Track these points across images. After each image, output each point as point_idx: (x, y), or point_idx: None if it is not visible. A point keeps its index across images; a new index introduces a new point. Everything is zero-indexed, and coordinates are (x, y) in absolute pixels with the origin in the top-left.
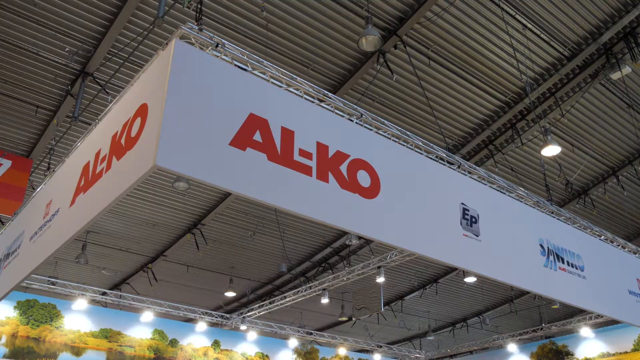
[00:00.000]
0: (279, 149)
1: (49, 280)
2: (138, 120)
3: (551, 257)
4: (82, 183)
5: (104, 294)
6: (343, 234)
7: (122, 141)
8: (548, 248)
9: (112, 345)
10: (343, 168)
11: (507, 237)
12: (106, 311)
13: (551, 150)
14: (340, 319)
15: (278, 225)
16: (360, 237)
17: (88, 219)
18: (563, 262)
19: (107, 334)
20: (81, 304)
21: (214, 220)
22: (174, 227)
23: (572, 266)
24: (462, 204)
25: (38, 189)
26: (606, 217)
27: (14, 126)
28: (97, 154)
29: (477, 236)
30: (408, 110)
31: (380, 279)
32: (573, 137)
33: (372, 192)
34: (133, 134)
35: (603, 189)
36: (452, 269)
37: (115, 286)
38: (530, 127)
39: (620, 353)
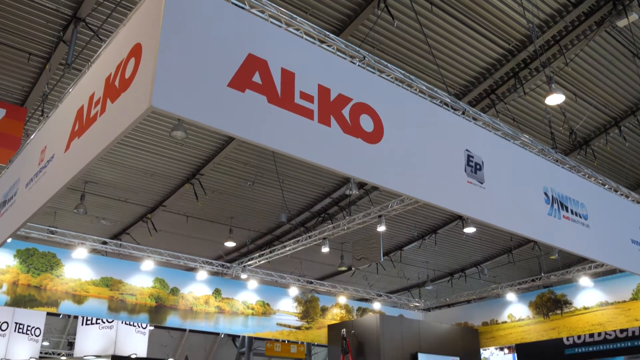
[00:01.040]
0: (279, 91)
1: (48, 230)
2: (132, 61)
3: (555, 206)
4: (77, 128)
5: (104, 243)
6: (343, 184)
7: (116, 83)
8: (552, 196)
9: (113, 293)
10: (345, 112)
11: (512, 185)
12: (106, 260)
13: (555, 99)
14: (339, 269)
15: (277, 175)
16: (360, 188)
17: (83, 163)
18: (567, 211)
19: (108, 283)
20: (81, 252)
21: (213, 170)
22: (172, 177)
23: (576, 215)
24: (467, 150)
25: (32, 136)
26: (607, 168)
27: (6, 74)
28: (91, 97)
29: (482, 183)
30: (409, 57)
31: (381, 228)
32: (576, 87)
33: (375, 137)
34: (127, 75)
35: (605, 139)
36: (452, 220)
37: (115, 236)
38: (533, 77)
39: (619, 302)
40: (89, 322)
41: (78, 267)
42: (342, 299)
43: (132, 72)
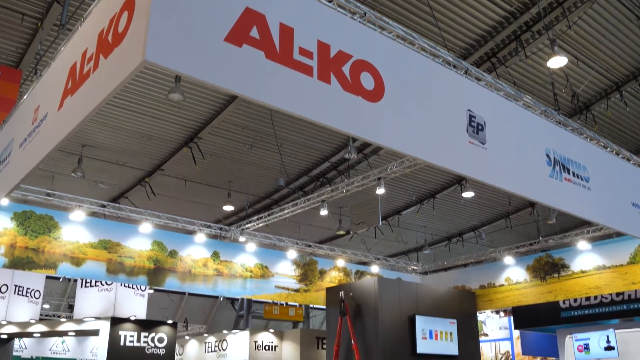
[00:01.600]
0: (277, 47)
1: (46, 193)
2: (125, 15)
3: (557, 168)
4: (70, 85)
5: (102, 206)
6: (341, 148)
7: (109, 38)
8: (554, 158)
9: (111, 256)
10: (345, 69)
11: (514, 146)
12: (104, 223)
13: (558, 62)
14: (338, 233)
15: (276, 139)
16: (359, 152)
17: (77, 121)
18: (568, 173)
19: (106, 245)
20: (79, 215)
21: (211, 134)
22: (170, 141)
23: (578, 177)
24: (469, 110)
25: (25, 96)
26: (607, 133)
27: (0, 36)
28: (84, 53)
29: (483, 144)
30: (409, 19)
31: (380, 191)
32: (578, 51)
33: (375, 95)
34: (120, 29)
35: (606, 104)
36: (450, 185)
37: (113, 200)
38: (535, 40)
39: (616, 266)
40: (88, 284)
41: (76, 230)
42: (341, 262)
43: (125, 26)
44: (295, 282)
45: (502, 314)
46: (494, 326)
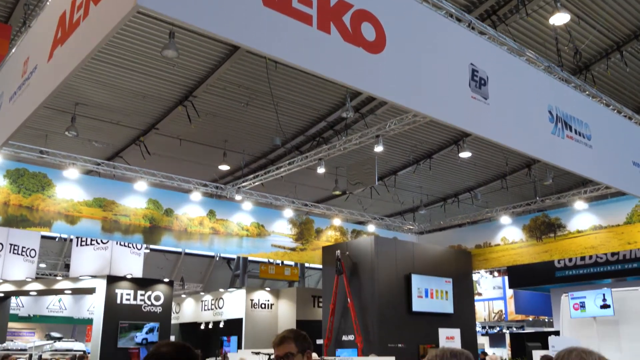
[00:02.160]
0: None
1: (40, 151)
2: None
3: (559, 125)
4: (59, 35)
5: (97, 164)
6: (338, 107)
7: None
8: (557, 115)
9: (106, 214)
10: (346, 19)
11: (516, 102)
12: (99, 181)
13: (560, 19)
14: (334, 193)
15: (272, 97)
16: (356, 111)
17: (67, 72)
18: (571, 130)
19: (101, 203)
20: (73, 172)
21: (206, 92)
22: (164, 99)
23: (580, 135)
24: (472, 64)
25: (14, 48)
26: (607, 94)
27: None
28: (73, 1)
29: (486, 99)
30: None
31: (379, 148)
32: (580, 9)
33: (377, 46)
34: None
35: (606, 64)
36: (447, 145)
37: (108, 160)
38: None
39: (613, 226)
40: (83, 243)
41: (70, 188)
42: (337, 221)
43: None
44: (292, 241)
45: (495, 273)
46: (488, 286)
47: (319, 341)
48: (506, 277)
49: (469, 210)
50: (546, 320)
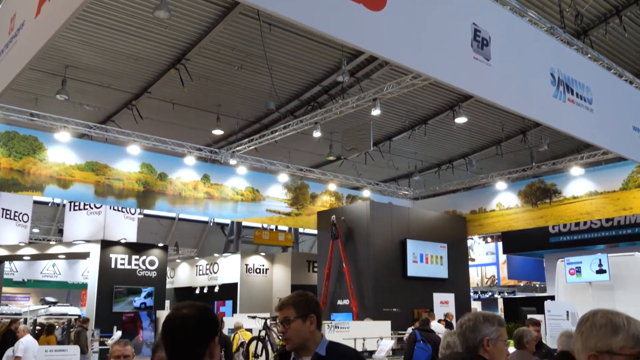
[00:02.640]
0: None
1: (30, 113)
2: None
3: (561, 88)
4: None
5: (89, 127)
6: (333, 71)
7: None
8: (559, 78)
9: (99, 178)
10: None
11: (518, 64)
12: (91, 144)
13: None
14: (328, 159)
15: (266, 60)
16: (351, 75)
17: (56, 27)
18: (572, 94)
19: (94, 167)
20: (64, 136)
21: (199, 55)
22: (156, 62)
23: (581, 98)
24: (474, 24)
25: (0, 5)
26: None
27: None
28: None
29: (488, 60)
30: None
31: (376, 112)
32: None
33: (378, 3)
34: None
35: (604, 29)
36: (443, 110)
37: (100, 123)
38: None
39: (608, 192)
40: (76, 207)
41: (62, 152)
42: (332, 187)
43: None
44: (287, 206)
45: (489, 239)
46: (481, 252)
47: None
48: (499, 243)
49: (463, 177)
50: (537, 285)
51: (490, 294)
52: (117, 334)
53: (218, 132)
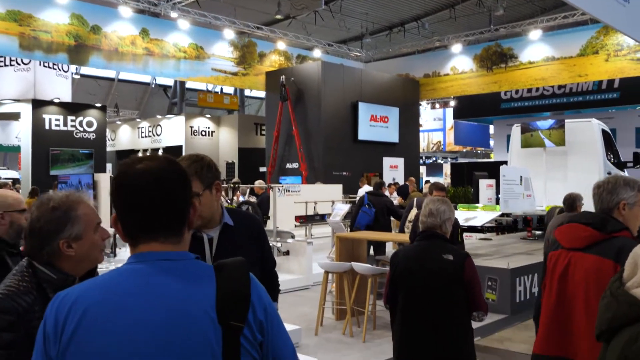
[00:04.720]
0: None
1: None
2: None
3: None
4: None
5: None
6: None
7: None
8: None
9: (23, 29)
10: None
11: None
12: None
13: None
14: (276, 17)
15: None
16: None
17: None
18: None
19: (16, 17)
20: None
21: None
22: None
23: None
24: None
25: None
26: None
27: None
28: None
29: None
30: None
31: None
32: None
33: None
34: None
35: None
36: None
37: None
38: None
39: (565, 57)
40: (1, 63)
41: None
42: (281, 45)
43: None
44: (233, 65)
45: (437, 105)
46: (428, 117)
47: (262, 169)
48: (447, 109)
49: (416, 39)
50: (479, 151)
51: (434, 159)
52: None
53: None
